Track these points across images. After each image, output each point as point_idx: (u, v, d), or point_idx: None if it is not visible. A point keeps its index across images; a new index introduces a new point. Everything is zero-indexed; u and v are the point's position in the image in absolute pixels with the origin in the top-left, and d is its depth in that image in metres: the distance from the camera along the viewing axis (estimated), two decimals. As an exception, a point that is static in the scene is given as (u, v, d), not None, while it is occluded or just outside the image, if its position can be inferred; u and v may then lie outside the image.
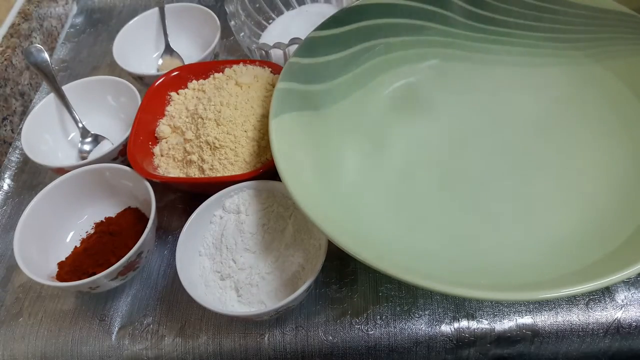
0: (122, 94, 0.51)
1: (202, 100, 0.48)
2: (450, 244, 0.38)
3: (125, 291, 0.42)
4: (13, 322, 0.42)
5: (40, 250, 0.42)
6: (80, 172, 0.44)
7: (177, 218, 0.46)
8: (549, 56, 0.47)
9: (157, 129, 0.48)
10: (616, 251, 0.34)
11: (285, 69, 0.43)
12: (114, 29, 0.60)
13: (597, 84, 0.45)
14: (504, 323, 0.38)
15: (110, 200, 0.46)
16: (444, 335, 0.38)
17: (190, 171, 0.45)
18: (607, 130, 0.43)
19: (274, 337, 0.39)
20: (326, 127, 0.44)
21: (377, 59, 0.48)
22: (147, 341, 0.40)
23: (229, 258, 0.40)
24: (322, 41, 0.46)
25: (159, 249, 0.45)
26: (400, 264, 0.33)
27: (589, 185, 0.40)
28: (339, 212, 0.37)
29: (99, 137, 0.51)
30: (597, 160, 0.41)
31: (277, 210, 0.41)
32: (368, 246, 0.35)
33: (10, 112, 0.58)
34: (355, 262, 0.32)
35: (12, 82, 0.59)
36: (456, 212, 0.40)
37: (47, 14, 0.67)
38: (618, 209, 0.38)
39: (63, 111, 0.52)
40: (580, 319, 0.38)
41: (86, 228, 0.45)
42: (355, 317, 0.39)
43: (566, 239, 0.37)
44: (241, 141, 0.44)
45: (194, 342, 0.39)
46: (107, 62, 0.61)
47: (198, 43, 0.59)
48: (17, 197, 0.50)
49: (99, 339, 0.40)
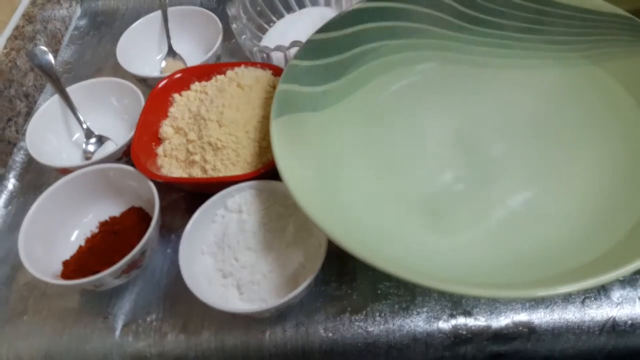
0: (125, 95, 0.51)
1: (205, 101, 0.48)
2: (448, 242, 0.38)
3: (129, 289, 0.42)
4: (18, 321, 0.42)
5: (45, 249, 0.42)
6: (84, 172, 0.44)
7: (180, 217, 0.46)
8: (545, 58, 0.47)
9: (161, 130, 0.49)
10: (612, 250, 0.34)
11: (286, 71, 0.44)
12: (117, 32, 0.60)
13: (594, 85, 0.45)
14: (500, 320, 0.39)
15: (114, 200, 0.46)
16: (441, 332, 0.39)
17: (193, 171, 0.45)
18: (603, 131, 0.43)
19: (275, 334, 0.39)
20: (326, 128, 0.44)
21: (376, 61, 0.49)
22: (150, 338, 0.40)
23: (231, 256, 0.40)
24: (322, 44, 0.46)
25: (162, 248, 0.45)
26: (399, 262, 0.33)
27: (585, 185, 0.40)
28: (338, 212, 0.38)
29: (103, 138, 0.51)
30: (594, 160, 0.41)
31: (278, 210, 0.42)
32: (367, 245, 0.35)
33: (15, 113, 0.58)
34: (355, 261, 0.33)
35: (16, 83, 0.59)
36: (454, 211, 0.40)
37: (51, 16, 0.67)
38: (614, 207, 0.38)
39: (67, 112, 0.52)
40: (576, 317, 0.38)
41: (91, 227, 0.45)
42: (354, 314, 0.39)
43: (562, 237, 0.37)
44: (243, 142, 0.44)
45: (197, 339, 0.40)
46: (110, 64, 0.62)
47: (200, 45, 0.59)
48: (22, 197, 0.50)
49: (102, 337, 0.40)
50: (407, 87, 0.49)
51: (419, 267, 0.34)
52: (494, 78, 0.48)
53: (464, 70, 0.49)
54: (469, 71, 0.49)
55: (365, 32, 0.48)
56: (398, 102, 0.48)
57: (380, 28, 0.48)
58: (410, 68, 0.49)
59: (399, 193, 0.42)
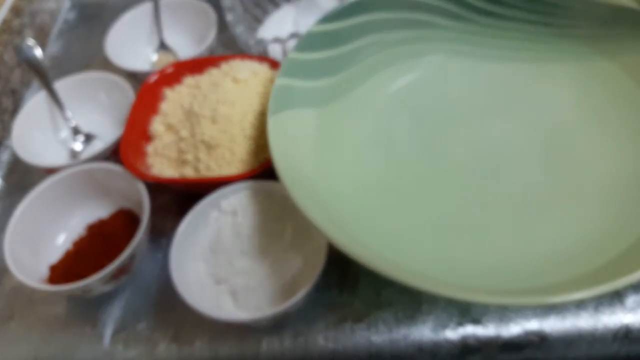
0: (115, 90, 0.51)
1: (198, 97, 0.47)
2: (456, 246, 0.37)
3: (118, 295, 0.42)
4: (4, 327, 0.41)
5: (31, 252, 0.42)
6: (71, 173, 0.44)
7: (172, 219, 0.45)
8: (557, 52, 0.47)
9: (151, 127, 0.48)
10: (626, 253, 0.34)
11: (284, 65, 0.43)
12: (107, 24, 0.61)
13: (607, 80, 0.44)
14: (510, 328, 0.38)
15: (102, 201, 0.45)
16: (449, 342, 0.38)
17: (185, 171, 0.45)
18: (618, 128, 0.42)
19: (271, 344, 0.39)
20: (326, 125, 0.44)
21: (379, 54, 0.48)
22: (141, 347, 0.39)
23: (225, 261, 0.39)
24: (323, 36, 0.45)
25: (152, 252, 0.44)
26: (404, 267, 0.33)
27: (598, 186, 0.40)
28: (340, 213, 0.37)
29: (90, 136, 0.51)
30: (606, 160, 0.41)
31: (275, 212, 0.41)
32: (370, 248, 0.34)
33: (1, 111, 0.58)
34: (357, 266, 0.33)
35: (3, 79, 0.58)
36: (462, 214, 0.40)
37: (39, 9, 0.66)
38: (628, 210, 0.37)
39: (55, 109, 0.51)
40: (588, 324, 0.38)
41: (78, 230, 0.44)
42: (356, 322, 0.39)
43: (575, 241, 0.37)
44: (238, 140, 0.44)
45: (189, 349, 0.39)
46: (100, 58, 0.60)
47: (193, 38, 0.59)
48: (8, 198, 0.50)
49: (91, 345, 0.40)
50: (412, 80, 0.48)
51: (425, 272, 0.34)
52: (502, 72, 0.47)
53: (472, 64, 0.48)
54: (477, 64, 0.48)
55: (368, 24, 0.47)
56: (402, 97, 0.47)
57: (384, 19, 0.48)
58: (415, 61, 0.49)
59: (404, 194, 0.41)
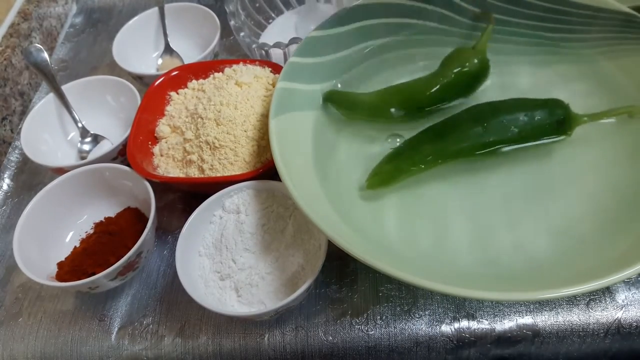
0: (121, 93, 0.51)
1: (202, 99, 0.47)
2: (450, 244, 0.37)
3: (125, 291, 0.42)
4: (12, 323, 0.42)
5: (39, 250, 0.42)
6: (79, 172, 0.44)
7: (177, 218, 0.46)
8: (557, 54, 0.47)
9: (157, 129, 0.48)
10: (617, 251, 0.34)
11: (285, 69, 0.43)
12: (113, 29, 0.61)
13: (607, 81, 0.44)
14: (504, 323, 0.38)
15: (109, 200, 0.46)
16: (444, 336, 0.38)
17: (190, 171, 0.45)
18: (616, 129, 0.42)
19: (273, 338, 0.39)
20: (326, 127, 0.44)
21: (377, 59, 0.48)
22: (147, 341, 0.40)
23: (228, 258, 0.39)
24: (323, 41, 0.46)
25: (158, 249, 0.44)
26: (401, 264, 0.33)
27: (592, 186, 0.39)
28: (338, 212, 0.37)
29: (98, 137, 0.51)
30: (603, 160, 0.40)
31: (277, 210, 0.41)
32: (368, 246, 0.35)
33: (10, 112, 0.58)
34: (355, 262, 0.32)
35: (11, 82, 0.58)
36: (457, 213, 0.39)
37: (46, 13, 0.67)
38: (621, 212, 0.37)
39: (62, 111, 0.51)
40: (580, 319, 0.38)
41: (86, 228, 0.44)
42: (355, 317, 0.39)
43: (567, 239, 0.37)
44: (241, 141, 0.44)
45: (194, 342, 0.39)
46: (106, 61, 0.61)
47: (198, 43, 0.59)
48: (17, 197, 0.50)
49: (98, 339, 0.40)
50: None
51: (421, 269, 0.34)
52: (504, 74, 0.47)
53: None
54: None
55: (366, 29, 0.47)
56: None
57: (381, 25, 0.48)
58: (414, 65, 0.48)
59: (401, 192, 0.41)
